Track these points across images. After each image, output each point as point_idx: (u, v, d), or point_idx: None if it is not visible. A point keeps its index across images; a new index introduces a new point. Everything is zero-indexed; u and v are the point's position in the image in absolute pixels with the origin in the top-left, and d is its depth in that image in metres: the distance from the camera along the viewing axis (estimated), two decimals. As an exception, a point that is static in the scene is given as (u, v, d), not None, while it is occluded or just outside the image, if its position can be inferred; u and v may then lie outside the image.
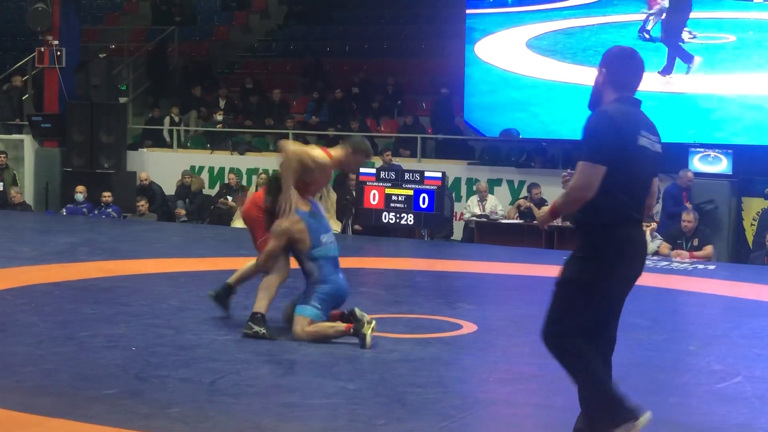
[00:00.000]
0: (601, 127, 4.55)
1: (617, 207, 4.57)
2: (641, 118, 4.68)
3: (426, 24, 22.09)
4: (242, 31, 24.40)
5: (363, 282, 11.16)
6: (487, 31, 17.10)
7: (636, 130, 4.59)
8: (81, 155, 18.59)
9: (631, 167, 4.56)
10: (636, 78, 4.75)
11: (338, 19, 23.71)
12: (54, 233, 14.16)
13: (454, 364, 7.01)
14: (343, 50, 22.54)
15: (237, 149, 18.96)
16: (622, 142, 4.52)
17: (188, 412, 5.49)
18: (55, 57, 18.85)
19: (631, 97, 4.72)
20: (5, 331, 7.43)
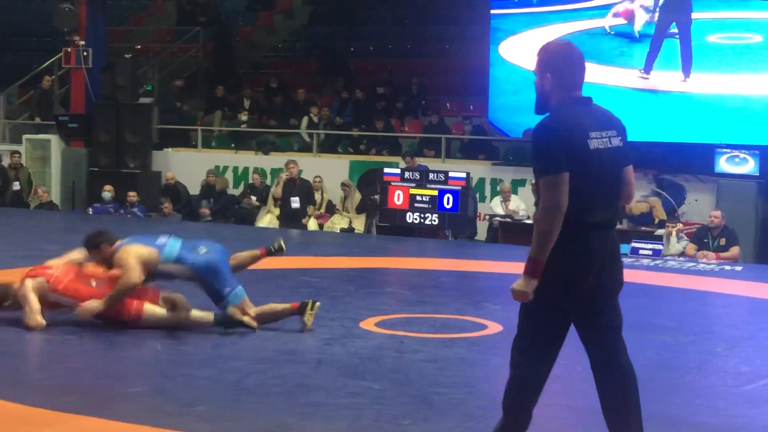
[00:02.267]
0: (548, 138, 4.29)
1: (572, 213, 4.25)
2: (590, 118, 4.40)
3: (450, 24, 22.05)
4: (266, 32, 24.43)
5: (388, 282, 11.17)
6: (512, 31, 17.05)
7: (584, 134, 4.32)
8: (107, 155, 18.68)
9: (586, 174, 4.29)
10: (581, 74, 4.48)
11: (362, 20, 23.71)
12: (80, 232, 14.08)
13: (480, 364, 7.00)
14: (368, 50, 22.53)
15: (261, 149, 19.00)
16: (572, 150, 4.26)
17: (214, 410, 5.50)
18: (81, 57, 18.94)
19: (579, 96, 4.47)
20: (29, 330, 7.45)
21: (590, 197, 4.33)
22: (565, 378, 6.49)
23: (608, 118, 4.50)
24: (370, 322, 8.12)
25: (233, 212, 17.73)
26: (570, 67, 4.46)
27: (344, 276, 11.09)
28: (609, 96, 16.15)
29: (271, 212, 16.97)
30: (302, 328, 7.61)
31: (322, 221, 16.65)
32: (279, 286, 9.91)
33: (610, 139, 4.42)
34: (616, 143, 4.45)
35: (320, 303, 7.85)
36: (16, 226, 14.82)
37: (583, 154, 4.30)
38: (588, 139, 4.33)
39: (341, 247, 14.03)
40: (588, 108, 4.46)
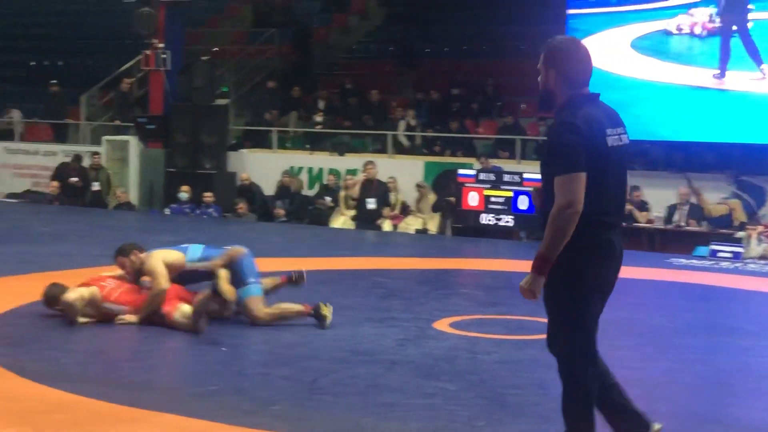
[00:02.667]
0: (569, 136, 4.21)
1: (595, 211, 4.22)
2: (603, 115, 4.37)
3: (526, 24, 21.92)
4: (341, 33, 24.53)
5: (461, 283, 11.15)
6: (589, 31, 16.89)
7: (602, 131, 4.29)
8: (184, 156, 18.90)
9: (605, 172, 4.26)
10: (588, 70, 4.43)
11: (438, 20, 23.68)
12: (157, 232, 14.41)
13: (554, 366, 6.88)
14: (443, 51, 22.51)
15: (336, 150, 19.07)
16: (591, 148, 4.21)
17: (289, 409, 5.54)
18: (160, 60, 19.21)
19: (589, 93, 4.42)
20: (112, 327, 7.59)
21: (609, 195, 4.31)
22: (643, 381, 6.42)
23: (616, 114, 4.46)
24: (443, 323, 8.12)
25: (307, 213, 17.82)
26: (575, 63, 4.40)
27: (418, 277, 11.09)
28: (688, 96, 15.97)
29: (345, 212, 17.04)
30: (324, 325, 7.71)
31: (397, 222, 16.67)
32: (353, 287, 9.95)
33: (620, 137, 4.38)
34: (624, 140, 4.41)
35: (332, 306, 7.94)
36: (96, 225, 15.08)
37: (603, 151, 4.25)
38: (606, 137, 4.28)
39: (415, 248, 14.03)
40: (598, 105, 4.41)
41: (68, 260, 10.82)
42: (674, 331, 8.31)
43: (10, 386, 5.91)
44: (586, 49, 4.44)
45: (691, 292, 10.66)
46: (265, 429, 5.15)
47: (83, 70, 25.28)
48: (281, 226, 16.94)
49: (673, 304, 9.84)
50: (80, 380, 6.05)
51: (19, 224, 15.17)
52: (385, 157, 18.37)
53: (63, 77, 23.29)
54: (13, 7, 30.28)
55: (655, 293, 10.63)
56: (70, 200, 18.72)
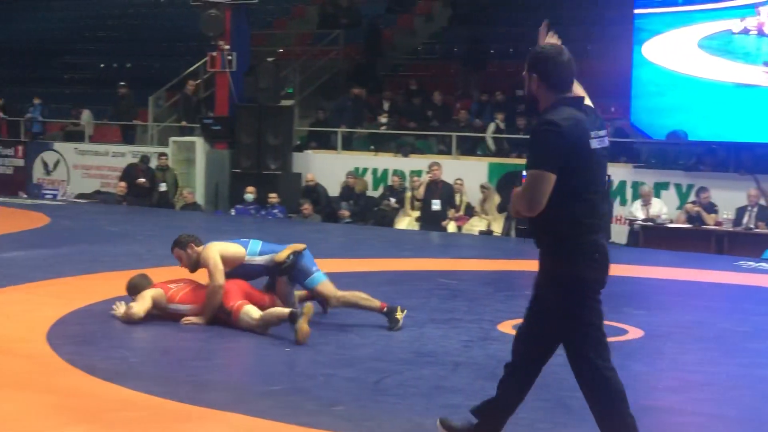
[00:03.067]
0: (550, 136, 4.29)
1: (580, 215, 4.35)
2: (588, 117, 4.46)
3: (592, 25, 21.77)
4: (406, 34, 24.54)
5: (526, 285, 11.06)
6: (656, 31, 16.73)
7: (585, 134, 4.36)
8: (249, 157, 19.04)
9: (587, 174, 4.36)
10: (570, 75, 4.50)
11: (502, 21, 23.59)
12: (223, 233, 14.50)
13: (620, 370, 6.78)
14: (508, 52, 22.42)
15: (400, 151, 19.09)
16: (574, 150, 4.30)
17: (353, 410, 5.56)
18: (226, 61, 19.39)
19: (572, 97, 4.49)
20: (178, 326, 7.67)
21: (594, 197, 4.40)
22: (711, 386, 6.35)
23: (598, 116, 4.56)
24: (507, 325, 8.08)
25: (372, 214, 17.86)
26: (557, 68, 4.48)
27: (483, 278, 11.06)
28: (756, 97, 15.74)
29: (410, 214, 17.04)
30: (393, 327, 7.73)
31: (461, 223, 16.64)
32: (417, 288, 9.95)
33: (602, 139, 4.47)
34: (606, 143, 4.51)
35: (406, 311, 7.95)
36: (163, 226, 15.23)
37: (586, 153, 4.34)
38: (588, 139, 4.37)
39: (480, 250, 13.99)
40: (582, 108, 4.48)
41: (136, 260, 10.96)
42: (743, 336, 8.19)
43: (80, 384, 6.01)
44: (569, 55, 4.53)
45: (759, 295, 10.50)
46: (329, 429, 5.18)
47: (151, 72, 25.60)
48: (346, 227, 16.98)
49: (741, 307, 9.70)
50: (148, 378, 6.13)
51: (88, 224, 15.39)
52: (449, 158, 18.34)
53: (131, 79, 23.60)
54: (82, 10, 30.76)
55: (723, 297, 10.50)
56: (137, 201, 18.96)
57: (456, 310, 8.77)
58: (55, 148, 22.61)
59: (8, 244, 12.49)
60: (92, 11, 30.62)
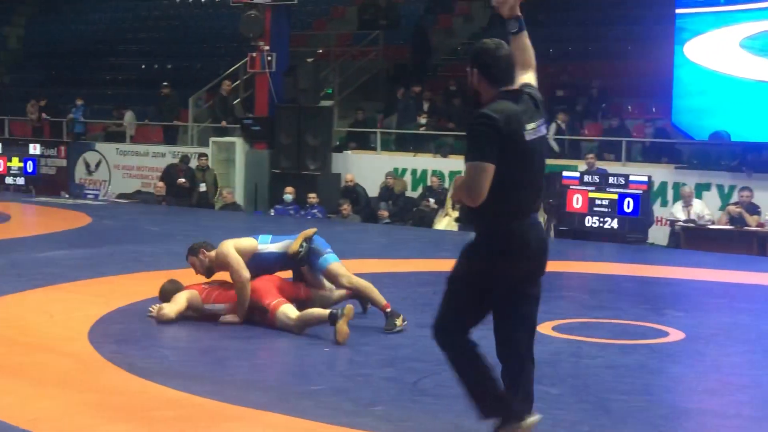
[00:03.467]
0: (484, 129, 4.45)
1: (508, 204, 4.52)
2: (523, 110, 4.58)
3: (633, 25, 21.65)
4: (445, 35, 24.53)
5: (566, 286, 11.04)
6: (698, 31, 16.61)
7: (520, 125, 4.51)
8: (288, 157, 19.10)
9: (522, 164, 4.51)
10: (508, 69, 4.65)
11: (542, 22, 23.50)
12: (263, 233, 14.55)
13: (661, 372, 6.85)
14: (547, 52, 22.34)
15: (440, 152, 19.08)
16: (508, 141, 4.44)
17: (392, 410, 5.56)
18: (266, 62, 19.47)
19: (510, 90, 4.62)
20: (217, 326, 7.71)
21: (527, 188, 4.58)
22: (752, 388, 6.31)
23: (536, 107, 4.68)
24: (547, 326, 8.04)
25: (411, 214, 17.87)
26: (496, 62, 4.63)
27: (521, 279, 11.00)
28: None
29: (449, 214, 17.03)
30: (388, 330, 7.73)
31: (500, 224, 16.58)
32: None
33: (539, 129, 4.62)
34: (542, 131, 4.66)
35: None
36: (203, 226, 15.31)
37: (520, 144, 4.50)
38: (524, 131, 4.52)
39: (519, 251, 13.91)
40: (519, 100, 4.61)
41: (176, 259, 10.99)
42: (785, 338, 8.12)
43: (121, 382, 6.06)
44: (508, 50, 4.72)
45: (802, 297, 10.42)
46: (368, 429, 5.19)
47: (191, 72, 25.76)
48: (385, 228, 17.00)
49: (784, 310, 9.63)
50: (188, 378, 6.17)
51: (129, 224, 15.51)
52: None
53: (172, 80, 23.75)
54: (124, 12, 31.01)
55: (766, 299, 10.41)
56: (177, 201, 19.09)
57: (495, 311, 8.73)
58: (97, 148, 22.81)
59: (50, 244, 12.62)
60: (134, 13, 30.85)
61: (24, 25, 32.55)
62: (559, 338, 7.64)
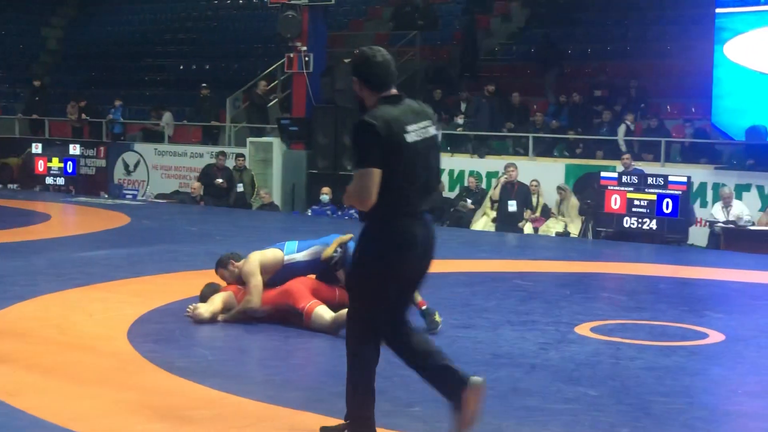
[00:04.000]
0: (365, 135, 4.66)
1: (392, 204, 4.71)
2: (405, 113, 4.77)
3: (672, 24, 21.52)
4: (483, 35, 24.46)
5: (604, 287, 11.00)
6: (738, 30, 16.48)
7: (401, 129, 4.70)
8: (325, 157, 19.13)
9: (403, 167, 4.70)
10: (386, 75, 4.83)
11: (581, 21, 23.42)
12: (300, 233, 14.61)
13: (701, 374, 6.79)
14: (586, 52, 22.25)
15: (477, 152, 19.04)
16: (389, 144, 4.65)
17: (429, 411, 5.55)
18: (303, 62, 19.52)
19: (390, 95, 4.81)
20: (254, 326, 7.73)
21: (411, 189, 4.76)
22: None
23: (421, 109, 4.89)
24: (585, 328, 8.02)
25: (448, 215, 17.84)
26: (374, 68, 4.82)
27: (559, 280, 10.98)
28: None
29: (486, 215, 16.99)
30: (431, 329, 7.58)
31: (538, 225, 16.55)
32: (493, 289, 9.91)
33: (426, 130, 4.82)
34: (431, 132, 4.86)
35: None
36: (241, 226, 15.39)
37: (401, 147, 4.70)
38: (405, 134, 4.72)
39: (556, 251, 13.90)
40: (401, 103, 4.82)
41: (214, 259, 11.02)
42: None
43: (158, 381, 6.09)
44: (385, 56, 4.87)
45: None
46: (405, 430, 5.18)
47: (229, 73, 25.87)
48: (421, 228, 16.95)
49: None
50: (226, 377, 6.19)
51: (167, 224, 15.61)
52: (525, 159, 18.26)
53: (209, 80, 23.87)
54: (162, 13, 31.20)
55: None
56: (215, 201, 19.18)
57: (532, 312, 8.72)
58: (136, 148, 22.95)
59: (90, 244, 12.72)
60: (172, 14, 31.04)
61: (63, 27, 32.84)
62: (597, 340, 7.60)
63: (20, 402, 5.53)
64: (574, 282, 10.85)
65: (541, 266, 11.98)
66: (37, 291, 8.93)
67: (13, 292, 8.02)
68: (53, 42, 31.94)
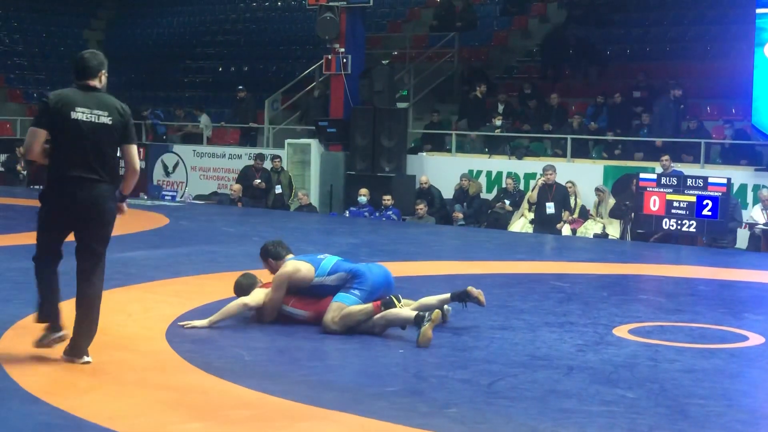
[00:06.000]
0: (41, 104, 6.33)
1: (57, 166, 6.23)
2: (85, 99, 6.26)
3: (711, 25, 21.36)
4: (521, 36, 24.42)
5: (642, 289, 10.94)
6: (780, 31, 16.31)
7: (69, 107, 6.19)
8: (363, 159, 19.16)
9: (69, 136, 6.19)
10: (83, 69, 6.35)
11: (619, 22, 23.29)
12: (338, 234, 14.66)
13: (740, 376, 6.74)
14: (624, 53, 22.13)
15: (515, 154, 18.99)
16: (55, 116, 6.19)
17: (466, 412, 5.55)
18: (341, 64, 19.56)
19: (82, 84, 6.33)
20: (292, 326, 7.75)
21: (69, 156, 6.21)
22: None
23: (105, 103, 6.32)
24: (623, 330, 7.98)
25: (486, 216, 17.81)
26: (78, 63, 6.40)
27: (597, 282, 10.94)
28: None
29: (524, 216, 16.94)
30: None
31: (576, 226, 16.48)
32: (531, 291, 9.89)
33: (97, 117, 6.27)
34: (103, 121, 6.28)
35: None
36: (278, 227, 15.43)
37: (66, 121, 6.19)
38: (72, 111, 6.20)
39: (594, 253, 13.84)
40: (85, 91, 6.31)
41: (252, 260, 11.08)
42: None
43: (196, 381, 6.12)
44: (79, 57, 6.43)
45: None
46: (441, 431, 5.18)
47: (267, 75, 25.97)
48: (459, 230, 16.97)
49: None
50: (263, 377, 6.21)
51: (205, 225, 15.69)
52: (563, 161, 18.19)
53: (248, 82, 23.97)
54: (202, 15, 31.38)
55: None
56: (253, 202, 19.25)
57: (570, 313, 8.68)
58: (175, 150, 23.09)
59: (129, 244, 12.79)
60: (211, 16, 31.20)
61: (104, 29, 33.12)
62: (636, 342, 7.56)
63: (60, 401, 5.58)
64: (613, 284, 10.81)
65: (579, 268, 11.93)
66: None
67: (53, 292, 8.08)
68: (94, 44, 32.18)
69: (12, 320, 7.55)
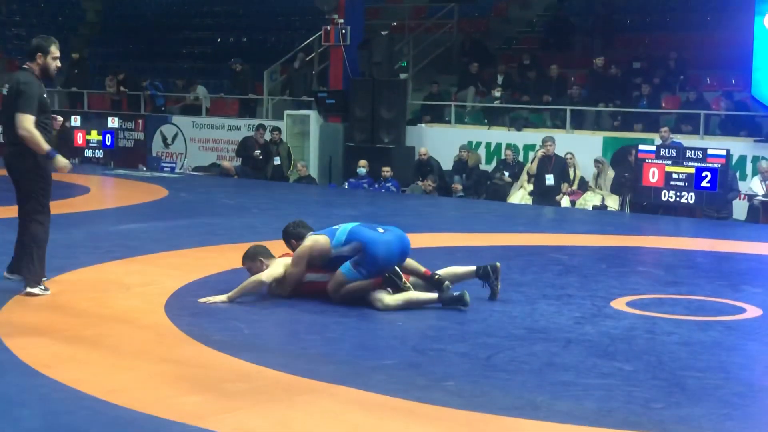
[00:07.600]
0: None
1: None
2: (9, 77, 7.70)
3: (712, -4, 21.27)
4: (521, 7, 24.31)
5: (640, 261, 10.95)
6: (778, 5, 16.25)
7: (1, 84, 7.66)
8: (362, 130, 19.12)
9: None
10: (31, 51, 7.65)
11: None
12: (337, 206, 14.66)
13: (737, 349, 6.76)
14: (625, 24, 22.04)
15: (514, 125, 18.96)
16: None
17: (464, 385, 5.57)
18: (340, 35, 19.48)
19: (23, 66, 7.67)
20: (291, 300, 7.76)
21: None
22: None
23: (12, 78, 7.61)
24: (621, 302, 8.00)
25: (485, 188, 17.81)
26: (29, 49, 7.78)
27: (596, 254, 10.94)
28: None
29: (523, 188, 16.94)
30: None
31: (575, 198, 16.48)
32: (529, 263, 9.90)
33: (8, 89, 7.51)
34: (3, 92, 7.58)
35: None
36: (278, 199, 15.45)
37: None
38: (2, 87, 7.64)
39: (593, 225, 13.85)
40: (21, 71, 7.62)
41: (252, 232, 11.13)
42: None
43: (196, 354, 6.14)
44: (38, 40, 7.69)
45: None
46: (440, 405, 5.20)
47: (266, 46, 25.87)
48: (459, 201, 16.97)
49: None
50: (262, 351, 6.24)
51: (204, 197, 15.69)
52: (563, 132, 18.16)
53: (246, 53, 23.87)
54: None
55: None
56: (252, 174, 19.24)
57: (568, 286, 8.70)
58: (174, 121, 23.05)
59: (128, 217, 12.82)
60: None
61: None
62: (633, 314, 7.58)
63: (58, 374, 5.60)
64: (611, 256, 10.81)
65: (578, 240, 11.94)
66: (75, 264, 9.02)
67: (51, 264, 8.09)
68: (92, 14, 32.07)
69: (10, 294, 7.57)
